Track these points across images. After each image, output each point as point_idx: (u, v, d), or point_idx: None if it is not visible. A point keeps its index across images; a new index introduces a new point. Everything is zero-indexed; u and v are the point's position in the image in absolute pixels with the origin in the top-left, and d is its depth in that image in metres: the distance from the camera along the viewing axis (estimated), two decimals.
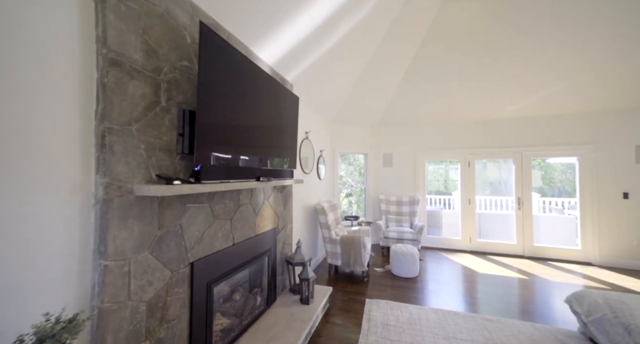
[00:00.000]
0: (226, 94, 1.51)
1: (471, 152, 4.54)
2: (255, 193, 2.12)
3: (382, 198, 4.79)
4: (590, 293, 1.88)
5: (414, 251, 3.38)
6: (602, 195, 3.86)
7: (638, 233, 3.68)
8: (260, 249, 2.16)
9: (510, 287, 3.02)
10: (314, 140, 3.83)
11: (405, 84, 4.18)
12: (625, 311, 1.61)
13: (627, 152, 3.78)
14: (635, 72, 3.35)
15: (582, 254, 3.92)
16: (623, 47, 3.15)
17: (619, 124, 3.82)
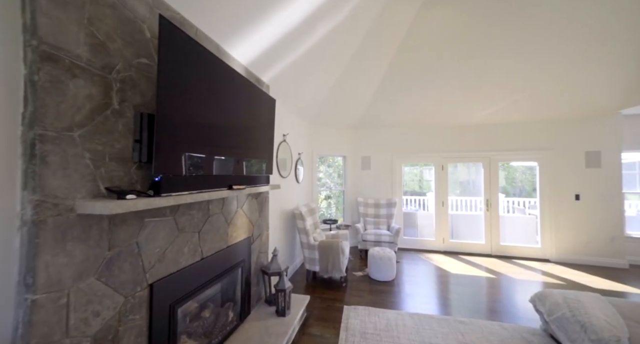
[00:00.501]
0: (191, 95, 1.37)
1: (444, 156, 4.72)
2: (228, 202, 1.99)
3: (361, 201, 4.81)
4: (551, 293, 1.99)
5: (391, 255, 3.42)
6: (558, 197, 4.20)
7: (588, 232, 4.04)
8: (233, 261, 2.03)
9: (480, 286, 3.16)
10: (292, 142, 3.73)
11: (384, 88, 4.23)
12: (581, 310, 1.72)
13: (579, 158, 4.14)
14: (587, 83, 3.68)
15: (541, 251, 4.24)
16: (579, 60, 3.43)
17: (572, 131, 4.17)
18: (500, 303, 2.75)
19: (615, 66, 3.40)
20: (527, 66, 3.57)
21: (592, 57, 3.35)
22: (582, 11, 2.97)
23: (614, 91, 3.68)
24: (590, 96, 3.81)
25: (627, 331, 1.49)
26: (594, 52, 3.30)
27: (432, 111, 4.49)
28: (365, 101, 4.49)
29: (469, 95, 4.10)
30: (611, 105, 3.87)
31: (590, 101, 3.88)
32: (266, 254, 2.64)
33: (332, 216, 5.56)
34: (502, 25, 3.22)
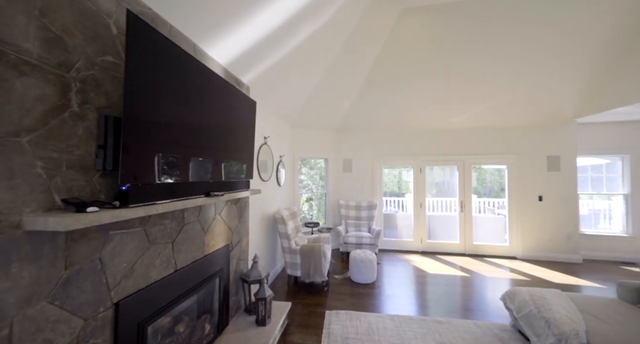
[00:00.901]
0: (163, 97, 1.28)
1: (422, 159, 4.89)
2: (205, 209, 1.89)
3: (342, 203, 4.84)
4: (519, 291, 2.12)
5: (372, 257, 3.46)
6: (524, 198, 4.51)
7: (549, 230, 4.38)
8: (210, 270, 1.93)
9: (455, 286, 3.29)
10: (274, 145, 3.66)
11: (365, 92, 4.29)
12: (546, 306, 1.85)
13: (541, 162, 4.48)
14: (548, 94, 3.99)
15: (509, 249, 4.53)
16: (542, 73, 3.72)
17: (536, 137, 4.51)
18: (473, 301, 2.88)
19: (572, 79, 3.73)
20: (497, 76, 3.80)
21: (553, 71, 3.65)
22: (545, 30, 3.22)
23: (571, 102, 4.03)
24: (551, 105, 4.14)
25: (584, 324, 1.62)
26: (555, 67, 3.59)
27: (411, 115, 4.63)
28: (347, 104, 4.53)
29: (444, 101, 4.28)
30: (568, 114, 4.23)
31: (551, 110, 4.21)
32: (246, 261, 2.55)
33: (314, 218, 5.53)
34: (472, 37, 3.40)
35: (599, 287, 3.26)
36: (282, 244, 3.31)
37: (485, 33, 3.35)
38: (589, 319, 1.69)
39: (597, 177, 4.90)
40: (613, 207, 4.85)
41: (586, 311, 1.78)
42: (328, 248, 3.50)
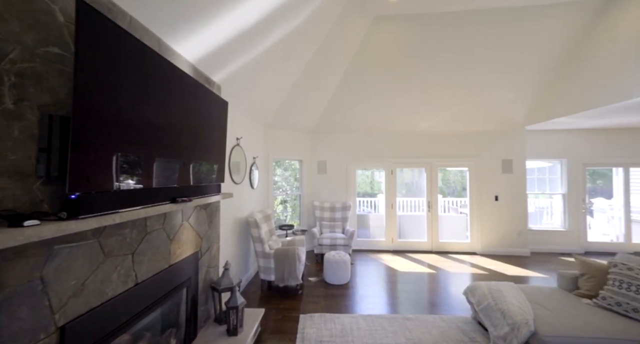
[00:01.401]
0: (122, 93, 1.17)
1: (394, 162, 5.09)
2: (171, 215, 1.76)
3: (317, 205, 4.85)
4: (479, 285, 2.30)
5: (346, 258, 3.52)
6: (483, 198, 4.92)
7: (504, 227, 4.83)
8: (176, 281, 1.80)
9: (423, 282, 3.47)
10: (247, 146, 3.54)
11: (339, 95, 4.35)
12: (501, 298, 2.03)
13: (497, 165, 4.92)
14: (503, 104, 4.40)
15: (470, 245, 4.90)
16: (498, 85, 4.08)
17: (493, 142, 4.94)
18: (439, 296, 3.07)
19: (522, 92, 4.15)
20: (459, 86, 4.09)
21: (506, 84, 4.03)
22: (500, 47, 3.55)
23: (521, 111, 4.48)
24: (505, 114, 4.57)
25: (532, 313, 1.80)
26: (508, 80, 3.97)
27: (384, 119, 4.80)
28: (322, 107, 4.55)
29: (413, 107, 4.51)
30: (519, 122, 4.70)
31: (505, 118, 4.65)
32: (216, 268, 2.43)
33: (288, 220, 5.47)
34: (438, 49, 3.64)
35: (543, 277, 3.68)
36: (256, 248, 3.22)
37: (449, 46, 3.59)
38: (536, 307, 1.89)
39: (542, 179, 5.53)
40: (554, 205, 5.50)
41: (534, 301, 1.99)
42: (302, 251, 3.48)
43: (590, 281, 2.06)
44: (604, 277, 1.98)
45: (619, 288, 1.84)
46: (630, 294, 1.77)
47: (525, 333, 1.68)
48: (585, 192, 5.01)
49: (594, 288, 2.02)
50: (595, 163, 5.02)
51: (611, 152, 4.93)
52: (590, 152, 4.98)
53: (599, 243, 4.98)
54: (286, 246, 3.47)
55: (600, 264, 2.08)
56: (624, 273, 1.86)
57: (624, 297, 1.79)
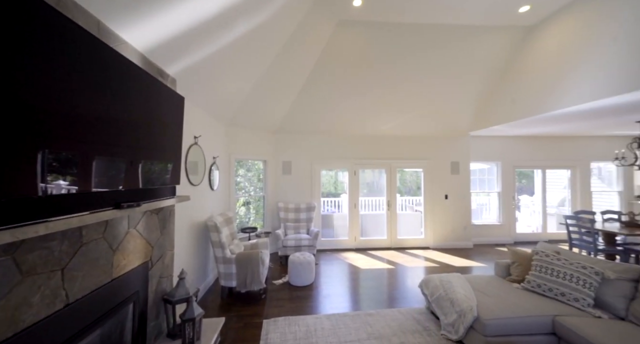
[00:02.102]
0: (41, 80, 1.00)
1: (356, 163, 5.27)
2: (115, 223, 1.56)
3: (281, 206, 4.78)
4: (432, 278, 2.52)
5: (311, 259, 3.53)
6: (435, 196, 5.39)
7: (452, 223, 5.36)
8: (120, 296, 1.60)
9: (383, 278, 3.67)
10: (206, 145, 3.32)
11: (304, 96, 4.35)
12: (451, 289, 2.25)
13: (447, 166, 5.44)
14: (452, 111, 4.88)
15: (424, 241, 5.33)
16: (448, 94, 4.52)
17: (443, 146, 5.44)
18: (398, 290, 3.27)
19: (467, 101, 4.67)
20: (415, 93, 4.43)
21: (454, 94, 4.49)
22: (449, 61, 3.94)
23: (466, 118, 5.03)
24: (453, 120, 5.08)
25: (476, 300, 2.04)
26: (456, 90, 4.43)
27: (348, 121, 4.94)
28: (286, 107, 4.50)
29: (375, 110, 4.73)
30: (464, 128, 5.27)
31: (453, 124, 5.17)
32: (170, 278, 2.23)
33: (251, 223, 5.28)
34: (396, 57, 3.89)
35: (484, 266, 4.18)
36: (216, 253, 3.04)
37: (406, 56, 3.87)
38: (478, 295, 2.14)
39: (482, 179, 6.28)
40: (491, 202, 6.30)
41: (477, 289, 2.25)
42: (266, 254, 3.39)
43: (519, 268, 2.41)
44: (529, 264, 2.33)
45: (539, 272, 2.18)
46: (547, 277, 2.12)
47: (470, 319, 1.89)
48: (514, 191, 5.84)
49: (521, 274, 2.36)
50: (522, 165, 5.89)
51: (533, 156, 5.83)
52: (518, 156, 5.82)
53: (524, 234, 5.85)
54: (249, 250, 3.35)
55: (526, 252, 2.45)
56: (543, 260, 2.22)
57: (543, 279, 2.13)
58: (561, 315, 1.84)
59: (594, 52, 2.94)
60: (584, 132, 5.42)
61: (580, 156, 5.85)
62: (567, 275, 2.03)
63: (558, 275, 2.07)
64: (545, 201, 5.89)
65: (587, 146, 5.85)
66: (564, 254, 2.28)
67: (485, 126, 4.79)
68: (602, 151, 5.82)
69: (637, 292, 1.84)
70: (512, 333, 1.82)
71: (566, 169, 5.98)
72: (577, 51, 3.13)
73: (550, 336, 1.83)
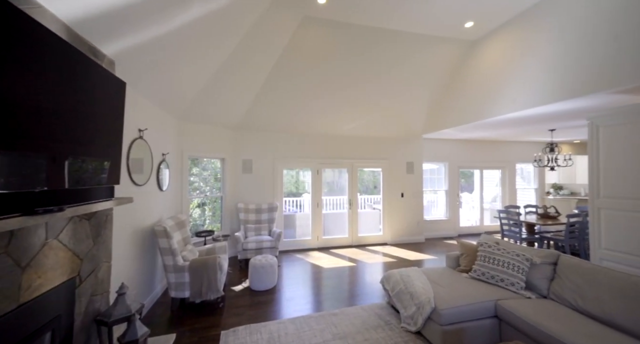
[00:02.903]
0: None
1: (320, 162, 5.28)
2: (24, 233, 1.24)
3: (241, 207, 4.52)
4: (393, 273, 2.63)
5: (273, 261, 3.40)
6: (392, 194, 5.70)
7: (407, 219, 5.74)
8: (31, 325, 1.28)
9: (345, 276, 3.72)
10: (154, 141, 2.93)
11: (267, 92, 4.17)
12: (410, 282, 2.37)
13: (403, 166, 5.81)
14: (407, 114, 5.22)
15: (382, 237, 5.61)
16: (404, 98, 4.81)
17: (399, 147, 5.79)
18: (359, 287, 3.35)
19: (421, 105, 5.04)
20: (375, 95, 4.61)
21: (409, 98, 4.80)
22: (406, 65, 4.19)
23: (420, 122, 5.43)
24: (408, 123, 5.43)
25: (432, 291, 2.18)
26: (411, 95, 4.74)
27: (311, 120, 4.90)
28: (247, 102, 4.26)
29: (337, 110, 4.79)
30: (418, 131, 5.68)
31: (408, 126, 5.53)
32: (106, 295, 1.89)
33: (208, 226, 4.88)
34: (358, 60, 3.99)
35: (435, 258, 4.56)
36: (165, 262, 2.70)
37: (368, 58, 4.00)
38: (434, 286, 2.29)
39: (432, 178, 6.88)
40: (439, 199, 6.94)
41: (432, 281, 2.42)
42: (225, 258, 3.15)
43: (467, 258, 2.66)
44: (475, 254, 2.59)
45: (484, 261, 2.44)
46: (490, 265, 2.38)
47: (428, 310, 2.01)
48: (458, 189, 6.53)
49: (469, 264, 2.62)
50: (465, 166, 6.62)
51: (474, 158, 6.60)
52: (462, 157, 6.52)
53: (466, 227, 6.59)
54: (204, 256, 3.07)
55: (472, 244, 2.73)
56: (486, 250, 2.49)
57: (486, 268, 2.39)
58: (502, 299, 2.08)
59: (521, 69, 3.42)
60: (512, 137, 6.33)
61: (508, 158, 6.83)
62: (505, 263, 2.31)
63: (498, 263, 2.34)
64: (482, 198, 6.73)
65: (513, 149, 6.86)
66: (502, 244, 2.59)
67: (436, 129, 5.24)
68: (524, 154, 6.89)
69: (555, 273, 2.19)
70: (463, 319, 1.99)
71: (498, 170, 6.92)
72: (508, 67, 3.61)
73: (493, 319, 2.06)
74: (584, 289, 1.91)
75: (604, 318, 1.75)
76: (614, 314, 1.71)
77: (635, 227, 2.37)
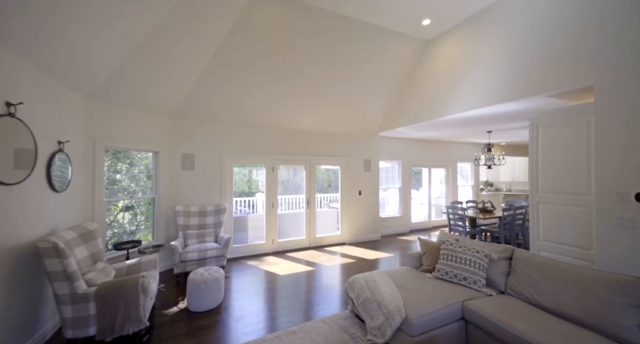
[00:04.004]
0: None
1: (275, 158, 4.82)
2: None
3: (180, 210, 3.79)
4: (358, 279, 2.40)
5: (218, 274, 2.85)
6: (350, 192, 5.59)
7: (364, 217, 5.70)
8: None
9: (303, 283, 3.38)
10: (40, 122, 2.11)
11: (212, 75, 3.55)
12: (377, 289, 2.16)
13: (360, 164, 5.75)
14: (365, 112, 5.15)
15: (340, 237, 5.46)
16: (362, 95, 4.70)
17: (357, 144, 5.70)
18: (319, 295, 3.05)
19: (379, 103, 5.01)
20: (334, 89, 4.38)
21: (367, 96, 4.72)
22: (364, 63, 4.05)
23: (377, 120, 5.43)
24: (366, 121, 5.38)
25: (401, 298, 2.00)
26: (369, 93, 4.66)
27: (265, 112, 4.41)
28: (187, 85, 3.57)
29: (294, 103, 4.42)
30: (375, 129, 5.69)
31: (366, 124, 5.48)
32: None
33: (139, 234, 3.98)
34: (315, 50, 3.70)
35: (391, 255, 4.58)
36: (56, 290, 1.94)
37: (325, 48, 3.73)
38: (401, 291, 2.13)
39: (386, 176, 7.05)
40: (391, 196, 7.16)
41: (398, 284, 2.26)
42: (153, 276, 2.50)
43: (430, 257, 2.60)
44: (438, 253, 2.54)
45: (447, 260, 2.39)
46: (453, 264, 2.33)
47: (398, 320, 1.81)
48: (410, 186, 6.82)
49: (432, 263, 2.55)
50: (416, 164, 6.95)
51: (423, 156, 6.97)
52: (414, 156, 6.82)
53: (416, 223, 6.94)
54: (124, 276, 2.37)
55: (434, 243, 2.68)
56: (448, 248, 2.45)
57: (450, 267, 2.33)
58: (468, 300, 2.02)
59: (471, 71, 3.59)
60: (455, 138, 6.88)
61: (452, 157, 7.43)
62: (467, 260, 2.29)
63: (460, 261, 2.30)
64: (430, 195, 7.18)
65: (456, 150, 7.50)
66: (461, 241, 2.60)
67: (392, 127, 5.30)
68: (464, 154, 7.59)
69: (510, 268, 2.24)
70: (433, 327, 1.85)
71: (442, 168, 7.48)
72: (460, 69, 3.76)
73: (460, 322, 1.98)
74: (538, 283, 1.95)
75: (556, 310, 1.79)
76: (566, 305, 1.75)
77: (569, 220, 2.61)
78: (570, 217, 2.60)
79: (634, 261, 2.11)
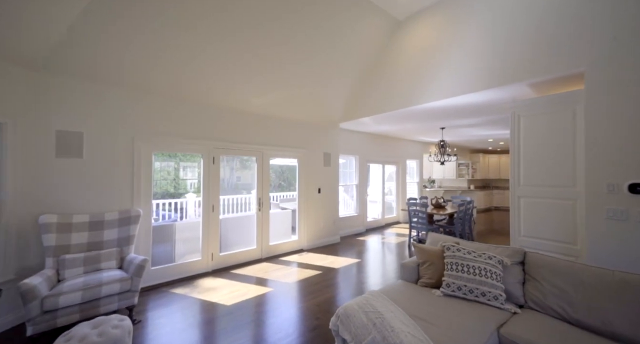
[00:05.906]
0: None
1: (217, 146, 3.66)
2: None
3: (49, 222, 2.32)
4: (353, 311, 1.67)
5: (119, 331, 1.68)
6: (309, 191, 4.85)
7: (323, 218, 5.05)
8: None
9: (259, 317, 2.44)
10: None
11: (118, 15, 2.25)
12: (386, 326, 1.49)
13: (320, 158, 5.07)
14: (326, 99, 4.50)
15: (297, 243, 4.65)
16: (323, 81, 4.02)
17: (317, 135, 5.00)
18: (285, 331, 2.20)
19: (340, 90, 4.42)
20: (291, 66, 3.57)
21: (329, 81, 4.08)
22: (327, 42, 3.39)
23: (339, 107, 4.84)
24: (327, 108, 4.72)
25: (427, 337, 1.38)
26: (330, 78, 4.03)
27: (201, 81, 3.24)
28: (68, 17, 2.16)
29: (241, 78, 3.40)
30: (337, 118, 5.09)
31: (327, 112, 4.82)
32: None
33: None
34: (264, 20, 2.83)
35: (359, 261, 4.04)
36: None
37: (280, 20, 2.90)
38: (420, 325, 1.51)
39: (342, 172, 6.60)
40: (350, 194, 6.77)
41: (410, 313, 1.63)
42: None
43: (431, 268, 2.09)
44: (441, 262, 2.04)
45: (455, 271, 1.91)
46: (464, 275, 1.86)
47: None
48: (367, 183, 6.54)
49: (434, 275, 2.04)
50: (372, 160, 6.71)
51: (378, 152, 6.80)
52: (370, 151, 6.55)
53: (370, 221, 6.71)
54: None
55: (435, 248, 2.18)
56: (455, 255, 1.98)
57: (462, 280, 1.85)
58: (501, 325, 1.54)
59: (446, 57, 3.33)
60: (405, 135, 6.93)
61: (402, 154, 7.53)
62: (480, 270, 1.85)
63: (473, 272, 1.85)
64: (384, 192, 7.08)
65: (406, 147, 7.64)
66: (462, 244, 2.18)
67: (355, 117, 4.80)
68: (412, 152, 7.82)
69: (525, 274, 1.90)
70: None
71: (394, 165, 7.52)
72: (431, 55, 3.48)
73: None
74: (569, 294, 1.62)
75: (603, 329, 1.47)
76: (614, 322, 1.44)
77: (552, 214, 2.50)
78: (553, 211, 2.50)
79: (625, 255, 2.03)
